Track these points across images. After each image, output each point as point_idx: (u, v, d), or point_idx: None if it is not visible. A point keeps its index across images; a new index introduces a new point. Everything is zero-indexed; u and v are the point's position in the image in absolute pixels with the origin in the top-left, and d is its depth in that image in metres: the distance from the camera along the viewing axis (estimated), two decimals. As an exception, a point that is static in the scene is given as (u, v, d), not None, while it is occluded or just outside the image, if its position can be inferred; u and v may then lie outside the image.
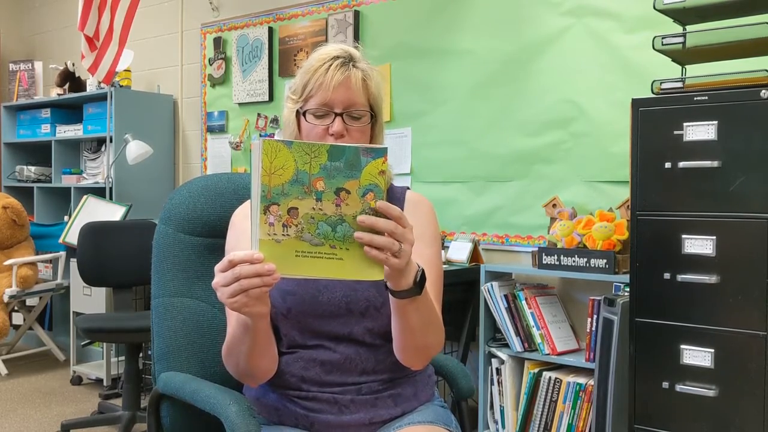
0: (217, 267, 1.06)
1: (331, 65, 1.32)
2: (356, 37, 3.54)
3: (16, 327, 4.51)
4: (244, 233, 1.23)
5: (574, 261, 2.60)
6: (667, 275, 2.00)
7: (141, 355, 3.25)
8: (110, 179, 4.10)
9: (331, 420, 1.29)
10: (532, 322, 2.69)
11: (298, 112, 1.36)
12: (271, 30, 3.94)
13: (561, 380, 2.62)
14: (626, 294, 2.20)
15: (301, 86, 1.35)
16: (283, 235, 1.02)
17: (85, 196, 3.95)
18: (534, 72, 2.99)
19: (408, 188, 1.49)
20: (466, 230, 3.20)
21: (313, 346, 1.32)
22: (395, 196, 1.44)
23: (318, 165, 1.01)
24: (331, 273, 1.03)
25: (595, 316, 2.53)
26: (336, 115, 1.31)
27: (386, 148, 1.03)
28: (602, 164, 2.81)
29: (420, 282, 1.14)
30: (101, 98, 4.27)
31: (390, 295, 1.16)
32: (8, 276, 4.04)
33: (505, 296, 2.74)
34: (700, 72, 2.05)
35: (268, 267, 1.02)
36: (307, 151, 1.01)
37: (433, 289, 1.34)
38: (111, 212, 3.88)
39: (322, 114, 1.32)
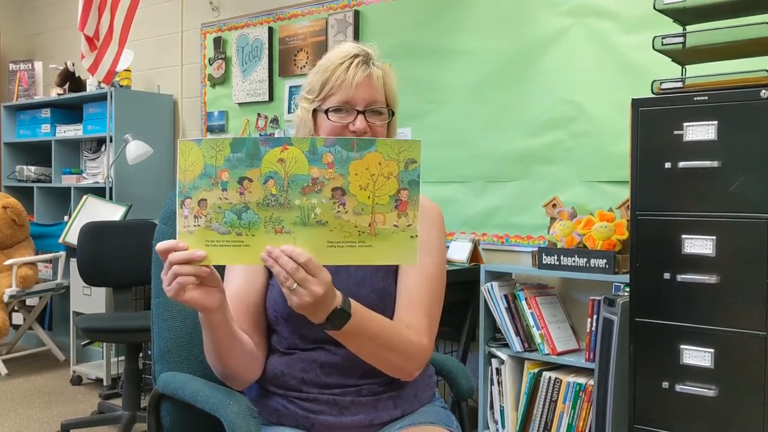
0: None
1: (351, 63, 1.32)
2: (356, 37, 3.54)
3: (16, 327, 4.51)
4: None
5: (574, 261, 2.60)
6: (667, 275, 2.00)
7: (141, 355, 3.25)
8: (110, 179, 4.10)
9: (331, 421, 1.29)
10: (532, 322, 2.69)
11: (315, 111, 1.35)
12: (271, 30, 3.94)
13: (561, 380, 2.62)
14: (626, 294, 2.19)
15: (319, 85, 1.34)
16: (194, 225, 1.07)
17: (85, 196, 3.95)
18: (534, 72, 2.99)
19: None
20: (466, 230, 3.20)
21: (313, 348, 1.32)
22: None
23: (222, 157, 1.05)
24: (237, 260, 1.09)
25: (595, 316, 2.53)
26: (358, 113, 1.32)
27: (287, 138, 1.05)
28: (602, 164, 2.81)
29: (335, 321, 1.13)
30: (101, 98, 4.27)
31: None
32: (8, 276, 4.04)
33: (505, 296, 2.74)
34: (700, 72, 2.05)
35: (199, 254, 1.06)
36: (213, 146, 1.06)
37: (427, 301, 1.33)
38: (111, 212, 3.87)
39: (343, 112, 1.32)
